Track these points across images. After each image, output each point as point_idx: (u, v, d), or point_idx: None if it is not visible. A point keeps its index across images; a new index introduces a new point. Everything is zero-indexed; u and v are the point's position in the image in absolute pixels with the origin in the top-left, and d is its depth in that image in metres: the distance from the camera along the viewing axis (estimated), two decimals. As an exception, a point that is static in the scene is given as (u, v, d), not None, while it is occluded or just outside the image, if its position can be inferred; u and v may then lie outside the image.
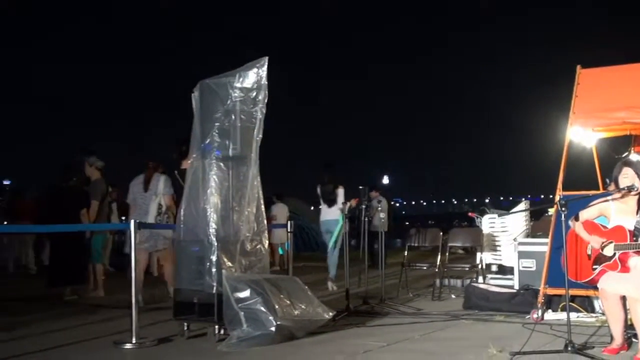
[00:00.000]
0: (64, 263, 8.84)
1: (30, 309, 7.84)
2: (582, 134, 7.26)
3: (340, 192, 9.59)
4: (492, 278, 8.43)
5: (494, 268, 8.78)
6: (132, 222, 5.74)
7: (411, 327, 6.19)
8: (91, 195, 9.02)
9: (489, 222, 8.93)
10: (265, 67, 5.78)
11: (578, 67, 7.30)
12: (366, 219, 8.25)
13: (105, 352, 5.32)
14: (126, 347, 5.42)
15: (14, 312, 7.50)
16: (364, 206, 8.12)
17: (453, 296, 8.32)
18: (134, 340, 5.45)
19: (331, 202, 9.56)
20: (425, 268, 9.34)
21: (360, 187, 8.31)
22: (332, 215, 9.62)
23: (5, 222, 13.88)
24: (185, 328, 5.76)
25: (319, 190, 9.77)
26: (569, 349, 4.68)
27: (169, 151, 8.54)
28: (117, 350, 5.37)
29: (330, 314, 5.83)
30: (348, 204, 9.26)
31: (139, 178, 8.52)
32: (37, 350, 5.31)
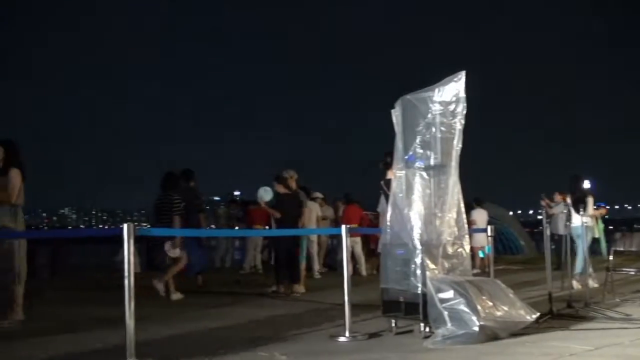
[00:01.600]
0: (285, 263, 9.39)
1: (258, 302, 8.39)
2: None
3: (590, 200, 9.73)
4: None
5: None
6: (343, 227, 5.92)
7: (619, 333, 5.65)
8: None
9: None
10: (462, 81, 5.69)
11: None
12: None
13: (323, 343, 5.51)
14: (340, 339, 5.57)
15: (247, 304, 8.08)
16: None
17: (666, 303, 7.49)
18: (347, 334, 5.59)
19: (583, 210, 9.44)
20: (632, 273, 8.54)
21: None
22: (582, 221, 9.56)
23: (237, 228, 14.93)
24: (393, 325, 5.80)
25: (569, 199, 9.87)
26: None
27: (375, 163, 8.73)
28: (333, 342, 5.55)
29: (534, 316, 5.53)
30: (598, 211, 9.68)
31: None
32: (268, 337, 5.66)
